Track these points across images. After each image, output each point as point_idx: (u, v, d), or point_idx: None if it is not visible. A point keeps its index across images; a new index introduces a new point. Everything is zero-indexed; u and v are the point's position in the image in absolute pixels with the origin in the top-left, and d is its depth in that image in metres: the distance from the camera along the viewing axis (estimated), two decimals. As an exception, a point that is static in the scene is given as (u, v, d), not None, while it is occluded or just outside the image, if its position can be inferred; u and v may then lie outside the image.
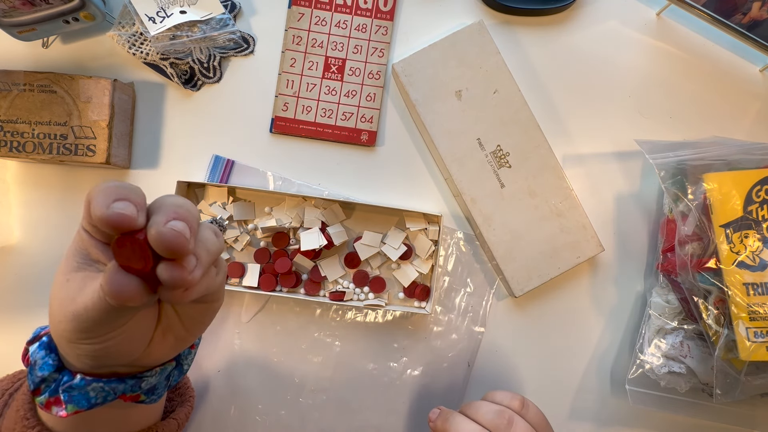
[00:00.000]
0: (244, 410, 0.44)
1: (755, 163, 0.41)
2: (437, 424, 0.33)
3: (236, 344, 0.45)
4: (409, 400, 0.45)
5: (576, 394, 0.46)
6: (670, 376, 0.42)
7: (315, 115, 0.45)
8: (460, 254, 0.46)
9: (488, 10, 0.47)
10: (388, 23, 0.46)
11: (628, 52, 0.47)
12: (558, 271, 0.43)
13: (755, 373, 0.39)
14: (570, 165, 0.46)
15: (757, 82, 0.48)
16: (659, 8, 0.47)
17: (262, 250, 0.44)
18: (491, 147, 0.43)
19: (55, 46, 0.45)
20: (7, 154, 0.41)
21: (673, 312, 0.43)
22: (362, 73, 0.46)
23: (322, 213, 0.43)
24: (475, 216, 0.43)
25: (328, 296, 0.44)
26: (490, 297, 0.46)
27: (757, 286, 0.38)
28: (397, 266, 0.45)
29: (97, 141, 0.41)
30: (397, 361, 0.45)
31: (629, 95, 0.47)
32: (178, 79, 0.45)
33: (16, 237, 0.45)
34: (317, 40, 0.45)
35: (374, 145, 0.46)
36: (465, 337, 0.46)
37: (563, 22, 0.47)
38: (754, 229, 0.39)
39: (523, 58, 0.47)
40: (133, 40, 0.43)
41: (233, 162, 0.45)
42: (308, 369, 0.45)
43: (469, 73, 0.43)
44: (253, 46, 0.46)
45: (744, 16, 0.43)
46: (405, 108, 0.46)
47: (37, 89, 0.41)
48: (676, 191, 0.42)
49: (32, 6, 0.39)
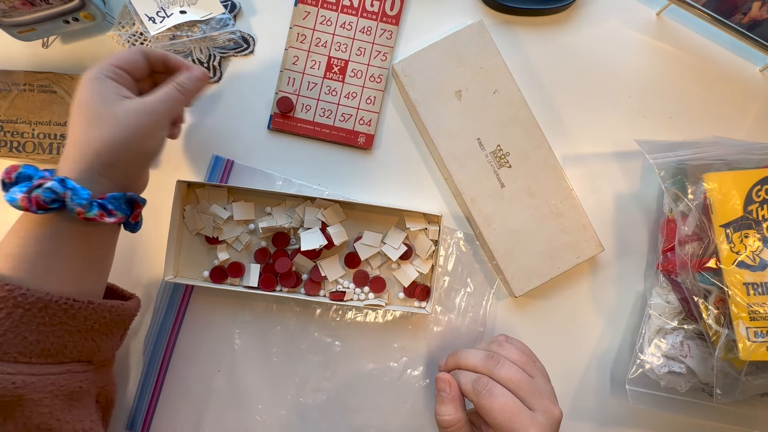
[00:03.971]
0: (244, 410, 0.44)
1: (755, 163, 0.41)
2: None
3: (236, 344, 0.45)
4: (409, 400, 0.45)
5: (576, 394, 0.46)
6: (670, 376, 0.42)
7: (314, 115, 0.45)
8: (460, 254, 0.46)
9: (488, 10, 0.47)
10: (393, 27, 0.46)
11: (628, 52, 0.47)
12: (558, 271, 0.43)
13: (755, 373, 0.39)
14: (570, 165, 0.46)
15: (757, 82, 0.48)
16: (659, 8, 0.47)
17: (262, 250, 0.44)
18: (491, 147, 0.43)
19: (55, 46, 0.45)
20: (7, 154, 0.41)
21: (673, 312, 0.43)
22: (364, 76, 0.46)
23: (322, 213, 0.43)
24: (475, 216, 0.43)
25: (328, 296, 0.44)
26: (490, 297, 0.46)
27: (757, 285, 0.38)
28: (397, 266, 0.45)
29: (97, 141, 0.41)
30: (397, 361, 0.45)
31: (629, 95, 0.47)
32: (178, 79, 0.45)
33: (16, 237, 0.45)
34: (321, 39, 0.45)
35: (371, 149, 0.46)
36: (465, 337, 0.46)
37: (563, 22, 0.47)
38: (755, 228, 0.39)
39: (523, 58, 0.47)
40: (133, 40, 0.43)
41: (233, 162, 0.45)
42: (308, 369, 0.45)
43: (469, 73, 0.43)
44: (253, 46, 0.46)
45: (744, 16, 0.43)
46: (405, 108, 0.46)
47: (37, 89, 0.41)
48: (676, 191, 0.42)
49: (32, 6, 0.39)
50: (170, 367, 0.44)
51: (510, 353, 0.36)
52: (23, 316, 0.30)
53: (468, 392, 0.35)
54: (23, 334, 0.30)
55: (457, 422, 0.34)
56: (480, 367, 0.36)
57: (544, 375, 0.37)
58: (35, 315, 0.30)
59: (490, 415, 0.33)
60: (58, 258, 0.32)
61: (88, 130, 0.33)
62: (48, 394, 0.31)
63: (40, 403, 0.30)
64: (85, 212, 0.31)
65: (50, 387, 0.31)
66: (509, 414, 0.32)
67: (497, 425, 0.33)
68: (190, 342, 0.44)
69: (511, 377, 0.34)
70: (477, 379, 0.35)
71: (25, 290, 0.30)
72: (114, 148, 0.33)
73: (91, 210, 0.31)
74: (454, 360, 0.38)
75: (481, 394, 0.34)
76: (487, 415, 0.33)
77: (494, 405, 0.33)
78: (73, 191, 0.31)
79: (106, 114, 0.33)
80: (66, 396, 0.32)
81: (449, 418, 0.35)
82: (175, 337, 0.44)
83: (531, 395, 0.34)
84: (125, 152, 0.33)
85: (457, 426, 0.34)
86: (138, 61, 0.36)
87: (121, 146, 0.33)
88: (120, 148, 0.33)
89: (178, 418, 0.44)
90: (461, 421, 0.35)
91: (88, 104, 0.33)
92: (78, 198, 0.31)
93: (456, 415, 0.35)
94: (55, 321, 0.31)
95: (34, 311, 0.30)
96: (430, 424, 0.45)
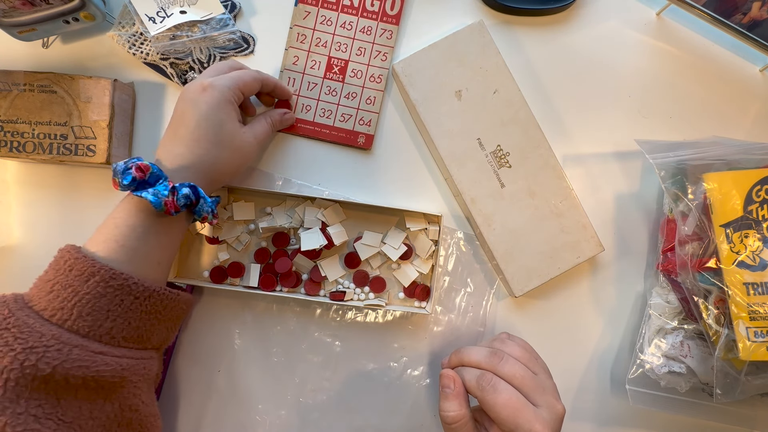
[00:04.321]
0: (244, 410, 0.44)
1: (755, 163, 0.41)
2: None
3: (236, 344, 0.45)
4: (409, 400, 0.45)
5: (576, 394, 0.46)
6: (670, 376, 0.42)
7: (314, 115, 0.45)
8: (460, 254, 0.46)
9: (488, 10, 0.47)
10: (393, 27, 0.46)
11: (628, 52, 0.47)
12: (558, 271, 0.43)
13: (755, 373, 0.39)
14: (570, 165, 0.46)
15: (757, 82, 0.48)
16: (659, 8, 0.47)
17: (262, 250, 0.44)
18: (491, 147, 0.43)
19: (55, 46, 0.45)
20: (7, 154, 0.41)
21: (673, 312, 0.43)
22: (364, 76, 0.46)
23: (322, 213, 0.43)
24: (475, 216, 0.43)
25: (328, 296, 0.44)
26: (490, 297, 0.46)
27: (757, 285, 0.38)
28: (397, 266, 0.45)
29: (97, 141, 0.41)
30: (397, 361, 0.45)
31: (629, 95, 0.47)
32: (178, 79, 0.45)
33: (16, 237, 0.45)
34: (321, 39, 0.45)
35: (371, 149, 0.46)
36: (465, 337, 0.46)
37: (563, 22, 0.47)
38: (754, 228, 0.39)
39: (523, 58, 0.47)
40: (133, 40, 0.43)
41: (233, 162, 0.45)
42: (308, 369, 0.45)
43: (469, 73, 0.43)
44: (253, 46, 0.46)
45: (744, 16, 0.43)
46: (405, 108, 0.46)
47: (37, 89, 0.41)
48: (676, 191, 0.42)
49: (32, 6, 0.39)
50: (170, 367, 0.44)
51: (513, 350, 0.37)
52: (132, 304, 0.33)
53: (472, 388, 0.35)
54: (129, 320, 0.33)
55: (461, 418, 0.35)
56: (483, 363, 0.36)
57: (546, 371, 0.37)
58: (141, 303, 0.33)
59: (494, 411, 0.33)
60: (151, 248, 0.35)
61: (210, 148, 0.37)
62: (142, 377, 0.34)
63: (136, 385, 0.34)
64: (208, 218, 0.37)
65: (143, 371, 0.34)
66: (513, 409, 0.32)
67: (501, 421, 0.33)
68: (190, 342, 0.45)
69: (514, 373, 0.34)
70: (481, 375, 0.35)
71: (137, 279, 0.33)
72: (224, 169, 0.38)
73: (210, 215, 0.37)
74: (457, 357, 0.38)
75: (485, 389, 0.34)
76: (491, 411, 0.33)
77: (498, 400, 0.33)
78: (204, 200, 0.36)
79: (231, 141, 0.38)
80: (151, 380, 0.36)
81: (453, 414, 0.35)
82: (176, 337, 0.44)
83: (534, 391, 0.34)
84: (230, 174, 0.39)
85: (461, 422, 0.35)
86: (257, 87, 0.40)
87: (231, 169, 0.39)
88: (229, 171, 0.39)
89: (178, 418, 0.44)
90: (465, 417, 0.35)
91: (222, 126, 0.37)
92: (207, 206, 0.36)
93: (460, 411, 0.35)
94: (153, 309, 0.34)
95: (141, 299, 0.33)
96: (431, 424, 0.45)
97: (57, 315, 0.31)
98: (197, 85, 0.37)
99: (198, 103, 0.36)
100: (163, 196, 0.33)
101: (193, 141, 0.36)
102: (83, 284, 0.31)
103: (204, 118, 0.36)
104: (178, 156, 0.36)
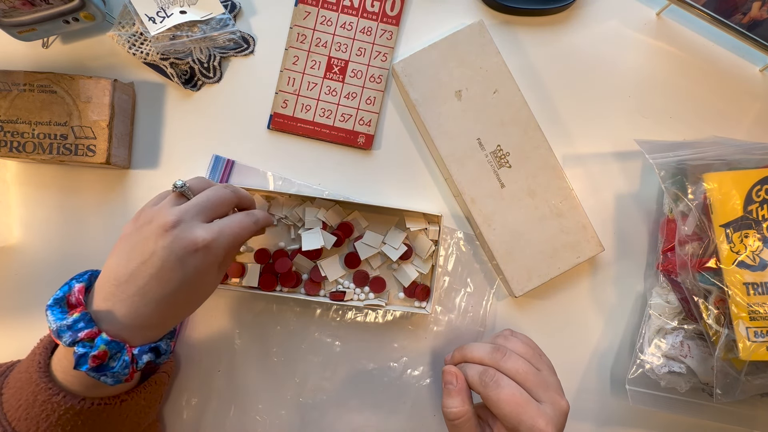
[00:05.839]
0: (244, 410, 0.44)
1: (755, 163, 0.41)
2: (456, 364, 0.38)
3: (236, 344, 0.45)
4: (410, 400, 0.45)
5: (576, 394, 0.46)
6: (670, 376, 0.42)
7: (314, 115, 0.45)
8: (460, 254, 0.46)
9: (488, 10, 0.47)
10: (393, 28, 0.46)
11: (628, 52, 0.47)
12: (558, 271, 0.43)
13: (755, 373, 0.39)
14: (570, 165, 0.46)
15: (757, 82, 0.48)
16: (659, 8, 0.47)
17: (262, 250, 0.44)
18: (491, 147, 0.43)
19: (55, 46, 0.45)
20: (7, 154, 0.41)
21: (673, 312, 0.43)
22: (364, 76, 0.46)
23: (322, 213, 0.43)
24: (475, 216, 0.43)
25: (328, 296, 0.44)
26: (490, 297, 0.46)
27: (757, 285, 0.38)
28: (397, 266, 0.45)
29: (97, 141, 0.41)
30: (397, 361, 0.45)
31: (629, 95, 0.47)
32: (178, 79, 0.45)
33: (16, 237, 0.45)
34: (321, 39, 0.45)
35: (371, 149, 0.46)
36: (465, 337, 0.46)
37: (563, 22, 0.47)
38: (754, 228, 0.39)
39: (523, 58, 0.47)
40: (133, 40, 0.43)
41: (233, 162, 0.45)
42: (308, 369, 0.45)
43: (469, 73, 0.43)
44: (253, 46, 0.46)
45: (744, 16, 0.43)
46: (405, 108, 0.46)
47: (37, 89, 0.41)
48: (676, 191, 0.42)
49: (32, 6, 0.39)
50: (170, 367, 0.44)
51: (516, 346, 0.36)
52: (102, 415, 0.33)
53: (475, 384, 0.35)
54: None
55: (464, 414, 0.34)
56: (486, 359, 0.36)
57: (550, 368, 0.37)
58: (113, 409, 0.33)
59: (498, 407, 0.33)
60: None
61: (182, 312, 0.35)
62: None
63: None
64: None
65: None
66: (516, 405, 0.32)
67: (504, 416, 0.32)
68: (190, 342, 0.45)
69: (518, 369, 0.34)
70: (484, 371, 0.35)
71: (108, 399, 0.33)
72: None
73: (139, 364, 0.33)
74: (460, 353, 0.38)
75: (488, 385, 0.33)
76: (495, 407, 0.33)
77: (501, 396, 0.33)
78: (165, 354, 0.34)
79: (205, 298, 0.35)
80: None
81: (456, 410, 0.34)
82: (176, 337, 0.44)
83: (538, 387, 0.34)
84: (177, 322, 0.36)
85: (464, 418, 0.34)
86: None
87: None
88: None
89: (179, 417, 0.44)
90: (468, 413, 0.34)
91: (205, 292, 0.35)
92: (166, 356, 0.35)
93: (463, 408, 0.34)
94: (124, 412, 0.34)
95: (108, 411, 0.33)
96: (431, 424, 0.45)
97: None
98: (189, 240, 0.31)
99: (185, 265, 0.31)
100: (124, 376, 0.31)
101: (167, 306, 0.31)
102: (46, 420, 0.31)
103: (188, 284, 0.31)
104: (140, 316, 0.31)
